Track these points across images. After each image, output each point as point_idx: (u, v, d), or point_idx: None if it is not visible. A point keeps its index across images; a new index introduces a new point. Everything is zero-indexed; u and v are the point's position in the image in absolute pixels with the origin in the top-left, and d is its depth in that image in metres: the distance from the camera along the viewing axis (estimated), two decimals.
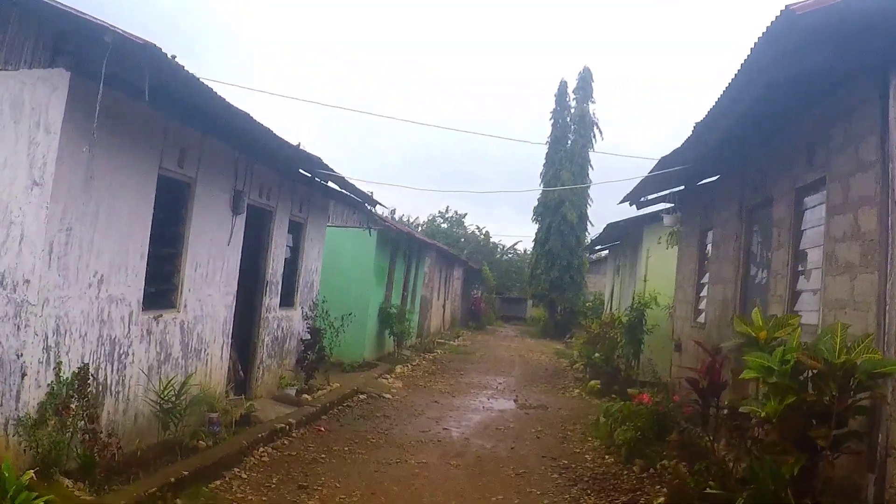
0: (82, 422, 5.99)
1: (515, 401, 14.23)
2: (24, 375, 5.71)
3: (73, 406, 5.99)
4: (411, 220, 44.51)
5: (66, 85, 5.77)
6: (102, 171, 6.39)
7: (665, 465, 8.20)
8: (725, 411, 6.61)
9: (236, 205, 9.24)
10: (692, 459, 7.72)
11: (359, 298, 16.68)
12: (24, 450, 5.69)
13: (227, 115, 7.16)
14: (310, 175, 11.53)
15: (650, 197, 12.94)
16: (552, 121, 35.38)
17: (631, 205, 13.22)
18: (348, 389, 12.89)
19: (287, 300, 12.07)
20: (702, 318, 11.08)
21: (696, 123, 7.61)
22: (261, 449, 8.37)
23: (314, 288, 13.37)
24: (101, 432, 6.15)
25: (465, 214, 47.74)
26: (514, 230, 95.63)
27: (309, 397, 11.40)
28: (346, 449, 8.97)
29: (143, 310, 7.32)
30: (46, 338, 5.90)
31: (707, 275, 11.10)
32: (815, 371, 4.99)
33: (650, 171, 10.42)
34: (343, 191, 12.83)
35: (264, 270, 10.82)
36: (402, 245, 20.42)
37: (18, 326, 5.71)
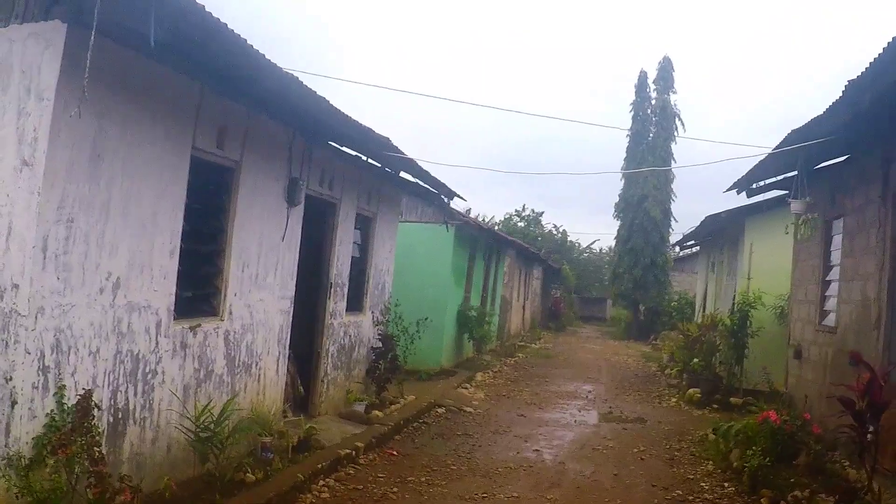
0: (87, 461, 4.78)
1: (609, 412, 12.70)
2: (13, 404, 4.53)
3: (78, 441, 4.79)
4: (487, 219, 43.11)
5: (61, 40, 4.56)
6: (115, 149, 5.15)
7: (798, 497, 6.78)
8: None
9: (292, 195, 7.96)
10: (840, 495, 6.53)
11: (436, 301, 15.33)
12: (16, 496, 4.51)
13: (272, 80, 5.82)
14: (379, 164, 10.18)
15: (763, 183, 11.19)
16: (632, 113, 33.36)
17: (739, 192, 11.51)
18: (425, 402, 11.55)
19: (355, 304, 10.77)
20: (830, 321, 9.36)
21: (849, 82, 6.19)
22: (321, 482, 7.04)
23: (385, 290, 12.05)
24: (110, 474, 4.91)
25: (542, 213, 46.10)
26: (591, 229, 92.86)
27: (380, 413, 10.10)
28: (422, 479, 7.57)
29: (174, 319, 6.08)
30: (42, 356, 4.71)
31: (835, 270, 9.43)
32: None
33: (775, 148, 8.75)
34: (416, 180, 11.43)
35: (327, 271, 9.53)
36: (480, 243, 19.01)
37: (6, 343, 4.53)
